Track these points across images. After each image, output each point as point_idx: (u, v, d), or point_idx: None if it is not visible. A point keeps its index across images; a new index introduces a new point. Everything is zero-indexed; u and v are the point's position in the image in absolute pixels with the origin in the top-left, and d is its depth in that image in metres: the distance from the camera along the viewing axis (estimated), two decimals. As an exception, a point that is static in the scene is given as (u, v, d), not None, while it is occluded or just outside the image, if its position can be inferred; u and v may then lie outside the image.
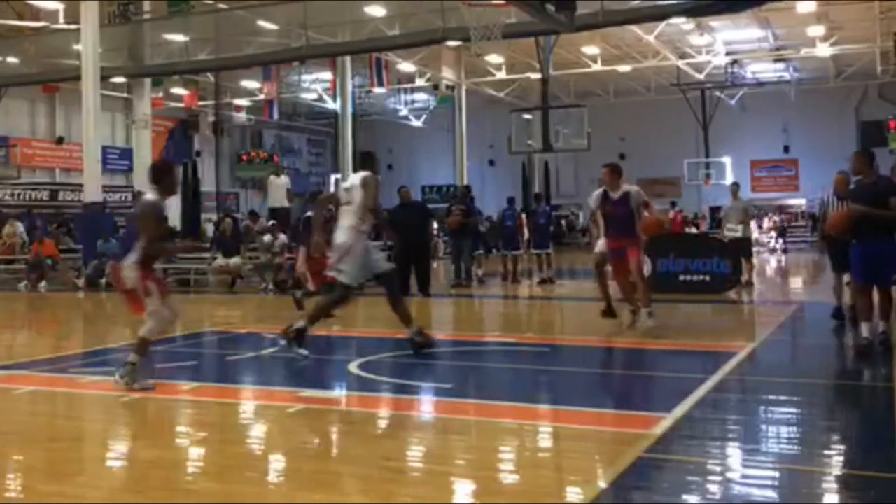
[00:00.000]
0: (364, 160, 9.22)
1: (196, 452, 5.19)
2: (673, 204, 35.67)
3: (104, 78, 20.99)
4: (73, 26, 21.15)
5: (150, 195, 7.00)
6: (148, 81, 24.77)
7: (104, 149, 25.25)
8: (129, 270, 6.67)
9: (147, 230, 6.70)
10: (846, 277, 9.09)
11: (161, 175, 7.09)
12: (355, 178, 8.27)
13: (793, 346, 9.49)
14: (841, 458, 4.82)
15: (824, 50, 30.40)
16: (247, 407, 6.49)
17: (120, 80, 25.54)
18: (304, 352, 7.88)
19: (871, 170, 7.86)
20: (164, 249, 7.31)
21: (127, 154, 31.32)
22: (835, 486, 4.37)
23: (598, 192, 9.68)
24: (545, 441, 5.39)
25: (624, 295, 9.64)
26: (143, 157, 24.18)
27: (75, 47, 21.32)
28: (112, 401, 6.54)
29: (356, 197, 8.06)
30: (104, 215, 20.78)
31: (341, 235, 8.02)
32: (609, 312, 9.64)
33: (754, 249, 17.82)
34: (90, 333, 12.02)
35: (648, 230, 9.51)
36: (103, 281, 18.34)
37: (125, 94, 29.40)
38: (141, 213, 6.95)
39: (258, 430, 5.80)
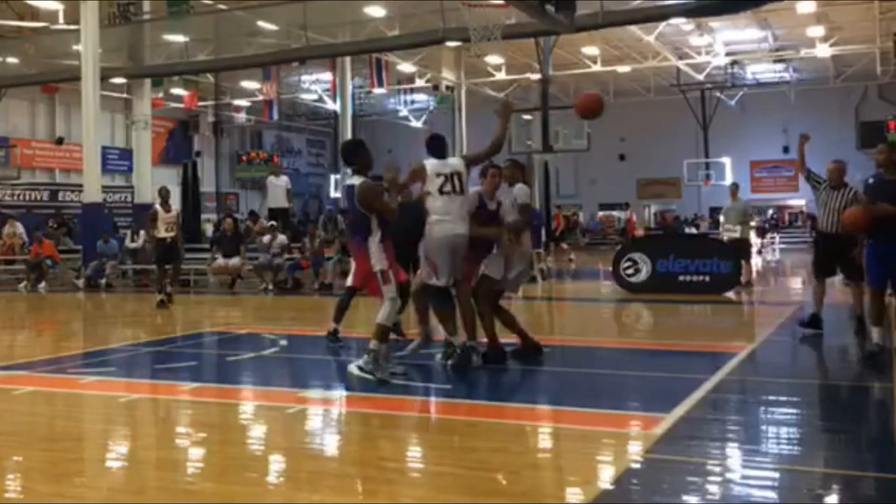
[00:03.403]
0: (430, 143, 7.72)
1: (196, 453, 5.18)
2: (627, 205, 35.70)
3: (104, 78, 20.99)
4: (72, 27, 21.12)
5: (355, 178, 6.90)
6: (148, 82, 24.75)
7: (104, 149, 25.28)
8: (378, 252, 6.71)
9: (380, 207, 6.71)
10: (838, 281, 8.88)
11: (352, 153, 7.08)
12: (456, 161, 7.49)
13: (792, 347, 9.46)
14: (841, 458, 4.81)
15: (824, 50, 30.40)
16: (247, 407, 6.48)
17: (120, 80, 25.53)
18: None
19: None
20: (394, 213, 6.88)
21: (127, 155, 31.32)
22: (835, 486, 4.37)
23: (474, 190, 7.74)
24: (545, 441, 5.39)
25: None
26: (143, 158, 24.17)
27: (75, 48, 21.32)
28: (112, 401, 6.54)
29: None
30: (104, 216, 20.77)
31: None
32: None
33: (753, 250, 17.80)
34: (90, 334, 12.01)
35: None
36: (103, 281, 18.37)
37: (125, 95, 29.40)
38: (362, 198, 6.75)
39: (258, 431, 5.80)
